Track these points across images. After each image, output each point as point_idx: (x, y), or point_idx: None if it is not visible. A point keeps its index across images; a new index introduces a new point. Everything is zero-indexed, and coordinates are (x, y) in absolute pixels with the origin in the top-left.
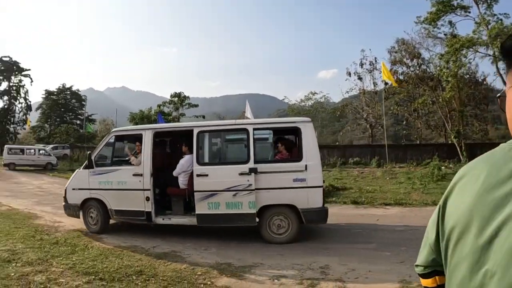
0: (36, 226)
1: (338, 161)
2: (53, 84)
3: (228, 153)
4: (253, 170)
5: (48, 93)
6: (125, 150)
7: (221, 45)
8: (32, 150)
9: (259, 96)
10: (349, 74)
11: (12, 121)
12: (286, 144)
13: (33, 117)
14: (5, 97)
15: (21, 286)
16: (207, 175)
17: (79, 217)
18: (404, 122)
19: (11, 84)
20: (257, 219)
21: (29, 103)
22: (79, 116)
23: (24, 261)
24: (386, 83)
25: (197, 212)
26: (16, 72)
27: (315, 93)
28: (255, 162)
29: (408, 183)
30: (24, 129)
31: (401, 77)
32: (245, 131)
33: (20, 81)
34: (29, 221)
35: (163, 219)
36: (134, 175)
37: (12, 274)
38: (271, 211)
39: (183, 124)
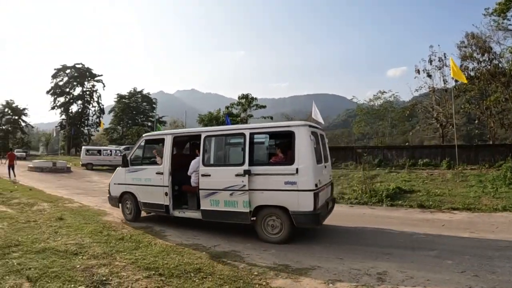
0: (104, 222)
1: (407, 163)
2: (125, 88)
3: (228, 156)
4: (247, 172)
5: (120, 97)
6: (153, 151)
7: (289, 45)
8: (109, 151)
9: (327, 96)
10: (418, 71)
11: (86, 123)
12: (283, 147)
13: (106, 120)
14: (80, 101)
15: (85, 277)
16: (209, 175)
17: (118, 207)
18: (476, 121)
19: (84, 89)
20: (253, 218)
21: (102, 106)
22: (150, 118)
23: (90, 254)
24: (456, 80)
25: (201, 207)
26: (89, 78)
27: (384, 92)
28: (251, 164)
29: (479, 186)
30: (98, 131)
31: (471, 73)
32: (242, 135)
33: (93, 86)
34: (98, 217)
35: (178, 212)
36: (157, 173)
37: (78, 266)
38: (265, 212)
39: (195, 129)
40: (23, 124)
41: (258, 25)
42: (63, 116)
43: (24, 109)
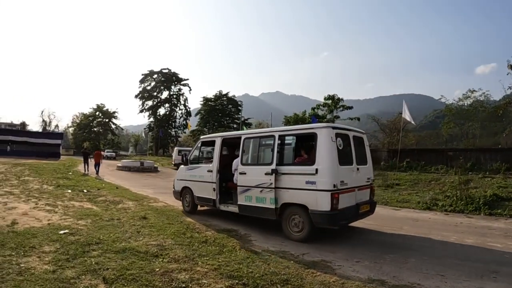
0: (188, 223)
1: (502, 167)
2: (211, 91)
3: (260, 156)
4: (274, 171)
5: (206, 100)
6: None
7: (372, 45)
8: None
9: (413, 96)
10: (511, 67)
11: (173, 125)
12: (307, 149)
13: (193, 122)
14: (167, 105)
15: (163, 282)
16: (245, 173)
17: (180, 200)
18: None
19: (171, 93)
20: (279, 215)
21: (188, 109)
22: (236, 120)
23: (171, 257)
24: None
25: (238, 202)
26: (176, 82)
27: (474, 90)
28: (278, 164)
29: None
30: (185, 132)
31: None
32: (272, 137)
33: (180, 90)
34: (182, 218)
35: (223, 206)
36: (208, 171)
37: (157, 269)
38: (290, 210)
39: (238, 132)
40: (113, 126)
41: (341, 25)
42: (151, 119)
43: (114, 112)
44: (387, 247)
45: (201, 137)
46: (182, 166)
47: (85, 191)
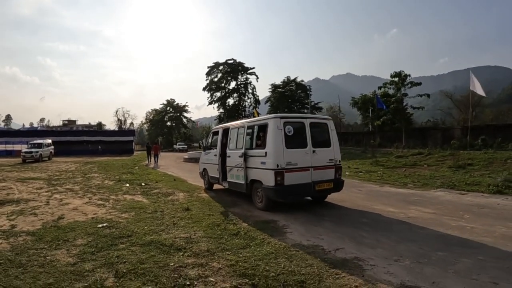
0: (227, 214)
1: None
2: (280, 78)
3: (238, 142)
4: (243, 154)
5: (275, 87)
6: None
7: (445, 19)
8: None
9: (490, 68)
10: None
11: (243, 114)
12: (263, 136)
13: (264, 109)
14: (235, 95)
15: (169, 278)
16: (230, 156)
17: (203, 179)
18: None
19: (238, 82)
20: (249, 189)
21: (257, 97)
22: (306, 106)
23: (193, 251)
24: None
25: (227, 179)
26: (242, 72)
27: None
28: (246, 148)
29: None
30: None
31: None
32: (243, 127)
33: (247, 79)
34: (225, 208)
35: (224, 183)
36: (214, 155)
37: (172, 264)
38: (255, 185)
39: (228, 124)
40: (184, 120)
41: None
42: (221, 110)
43: (184, 106)
44: (439, 241)
45: (212, 128)
46: (202, 152)
47: (143, 184)
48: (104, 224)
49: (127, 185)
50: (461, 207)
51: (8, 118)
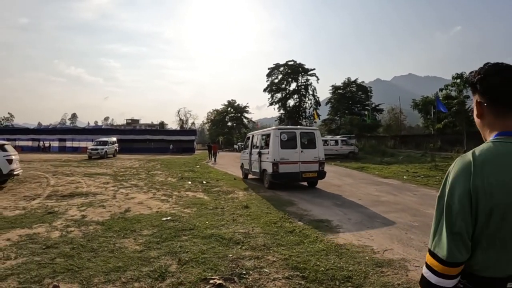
0: (285, 213)
1: None
2: (341, 80)
3: (256, 145)
4: (259, 152)
5: (335, 88)
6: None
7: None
8: (334, 141)
9: None
10: None
11: (304, 116)
12: (268, 141)
13: (324, 111)
14: (295, 96)
15: (228, 268)
16: (252, 154)
17: (241, 171)
18: None
19: (299, 84)
20: (261, 175)
21: (317, 98)
22: (367, 107)
23: (250, 245)
24: None
25: (252, 169)
26: (302, 73)
27: None
28: (260, 149)
29: None
30: (315, 122)
31: None
32: (259, 134)
33: (307, 80)
34: (282, 207)
35: (251, 174)
36: (246, 153)
37: (230, 255)
38: (264, 173)
39: (253, 132)
40: (245, 120)
41: None
42: (282, 111)
43: (245, 107)
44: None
45: (248, 133)
46: (242, 151)
47: (204, 182)
48: (168, 218)
49: (189, 182)
50: None
51: (74, 116)
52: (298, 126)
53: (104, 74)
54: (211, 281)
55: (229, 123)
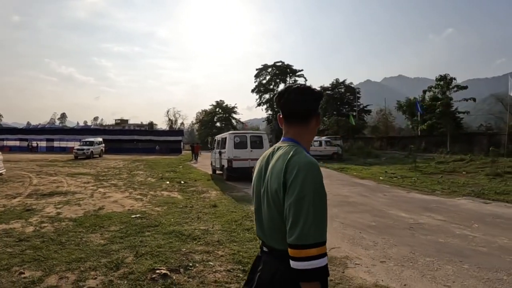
0: (248, 211)
1: None
2: (330, 81)
3: (220, 146)
4: (219, 151)
5: (323, 89)
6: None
7: (498, 18)
8: (318, 142)
9: None
10: None
11: None
12: (225, 142)
13: None
14: None
15: (177, 260)
16: (216, 153)
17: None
18: None
19: (287, 85)
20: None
21: None
22: (355, 108)
23: (206, 240)
24: None
25: (217, 166)
26: (290, 74)
27: None
28: (221, 148)
29: None
30: None
31: None
32: (222, 137)
33: (295, 81)
34: (248, 206)
35: (217, 169)
36: (214, 153)
37: (184, 249)
38: (224, 167)
39: (221, 135)
40: (233, 121)
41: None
42: (269, 111)
43: (233, 107)
44: (433, 248)
45: (215, 136)
46: (212, 151)
47: (182, 182)
48: (137, 215)
49: (167, 182)
50: (475, 216)
51: (63, 116)
52: (249, 131)
53: (96, 73)
54: (157, 271)
55: (218, 124)
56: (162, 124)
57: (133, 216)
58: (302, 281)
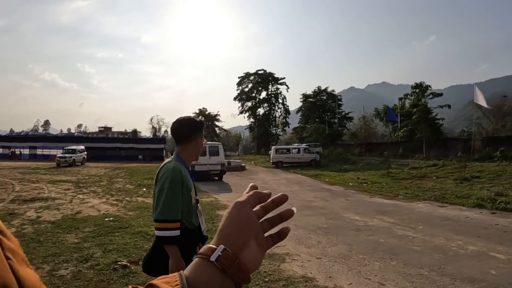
0: (216, 215)
1: None
2: (313, 88)
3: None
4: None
5: (305, 97)
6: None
7: (480, 24)
8: (296, 150)
9: None
10: None
11: (273, 124)
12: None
13: (296, 119)
14: (265, 104)
15: (139, 255)
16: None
17: None
18: None
19: (269, 92)
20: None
21: (287, 107)
22: (337, 115)
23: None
24: None
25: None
26: (272, 82)
27: None
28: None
29: None
30: (285, 130)
31: None
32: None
33: (277, 89)
34: (215, 211)
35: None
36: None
37: (146, 246)
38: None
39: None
40: (216, 129)
41: (446, 6)
42: (251, 119)
43: (216, 115)
44: (371, 246)
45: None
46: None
47: None
48: (111, 218)
49: (144, 189)
50: (424, 219)
51: (46, 123)
52: (208, 142)
53: (80, 79)
54: (119, 263)
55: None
56: (146, 132)
57: (106, 219)
58: (163, 245)
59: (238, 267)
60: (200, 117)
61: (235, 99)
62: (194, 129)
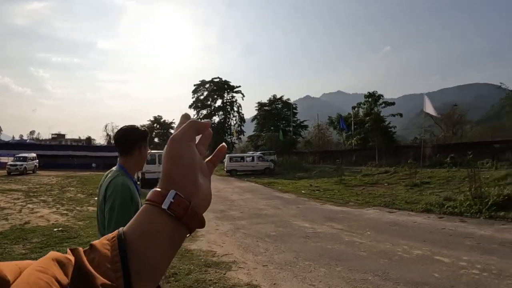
0: None
1: None
2: (268, 97)
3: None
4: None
5: (261, 105)
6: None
7: (436, 36)
8: (250, 158)
9: (479, 86)
10: None
11: (228, 132)
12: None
13: (251, 128)
14: (221, 113)
15: None
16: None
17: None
18: None
19: (224, 101)
20: None
21: (242, 115)
22: (292, 124)
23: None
24: None
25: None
26: (228, 90)
27: None
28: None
29: None
30: (240, 139)
31: None
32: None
33: (232, 97)
34: None
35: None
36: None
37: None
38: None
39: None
40: None
41: (399, 20)
42: None
43: (171, 123)
44: (317, 253)
45: (151, 151)
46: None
47: None
48: (60, 229)
49: (96, 198)
50: (373, 225)
51: None
52: (159, 151)
53: (33, 84)
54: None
55: (156, 139)
56: (100, 139)
57: (55, 229)
58: None
59: (193, 213)
60: (149, 124)
61: (190, 107)
62: (138, 139)
